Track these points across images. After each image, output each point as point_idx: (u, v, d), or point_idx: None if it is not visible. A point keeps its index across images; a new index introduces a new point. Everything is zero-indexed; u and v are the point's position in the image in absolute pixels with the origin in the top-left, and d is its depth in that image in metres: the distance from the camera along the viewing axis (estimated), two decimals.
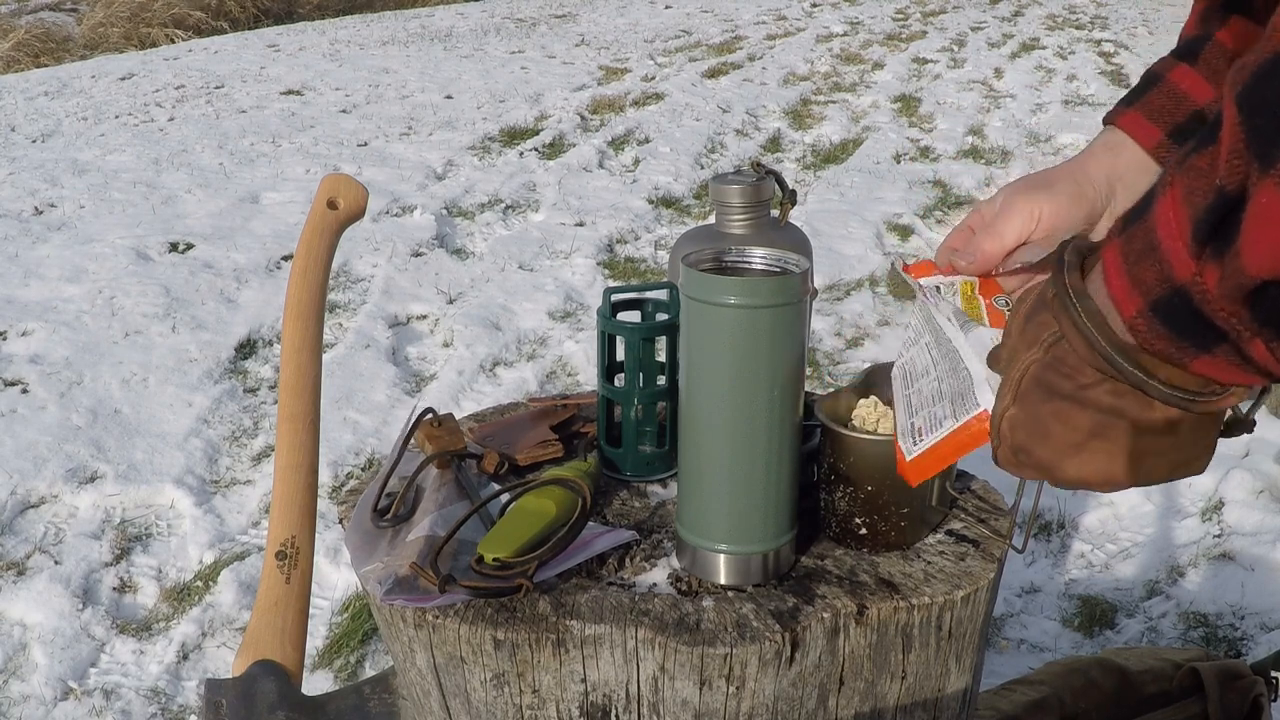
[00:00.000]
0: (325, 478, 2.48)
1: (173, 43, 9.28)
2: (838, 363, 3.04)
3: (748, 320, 0.74)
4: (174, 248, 3.87)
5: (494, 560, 0.79)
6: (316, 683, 1.87)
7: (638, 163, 4.98)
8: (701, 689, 0.76)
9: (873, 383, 0.91)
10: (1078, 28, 9.16)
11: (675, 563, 0.85)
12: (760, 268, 0.80)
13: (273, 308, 3.34)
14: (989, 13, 10.01)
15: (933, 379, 0.75)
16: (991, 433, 0.67)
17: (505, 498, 0.88)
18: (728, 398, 0.76)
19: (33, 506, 2.39)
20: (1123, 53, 7.86)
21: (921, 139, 5.41)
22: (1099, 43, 8.34)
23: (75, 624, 2.02)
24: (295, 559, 0.97)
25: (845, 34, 8.74)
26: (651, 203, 4.42)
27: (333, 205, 1.09)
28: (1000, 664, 1.87)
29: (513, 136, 5.49)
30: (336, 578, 2.14)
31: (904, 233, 4.08)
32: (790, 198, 1.03)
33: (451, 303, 3.46)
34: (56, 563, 2.19)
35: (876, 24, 9.27)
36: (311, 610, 1.04)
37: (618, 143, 5.35)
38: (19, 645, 1.98)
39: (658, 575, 0.84)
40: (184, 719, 1.84)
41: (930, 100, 6.27)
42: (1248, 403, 0.61)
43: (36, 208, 4.35)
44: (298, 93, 6.66)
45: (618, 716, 0.79)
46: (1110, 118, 0.87)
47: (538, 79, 6.94)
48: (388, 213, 4.25)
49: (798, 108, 6.12)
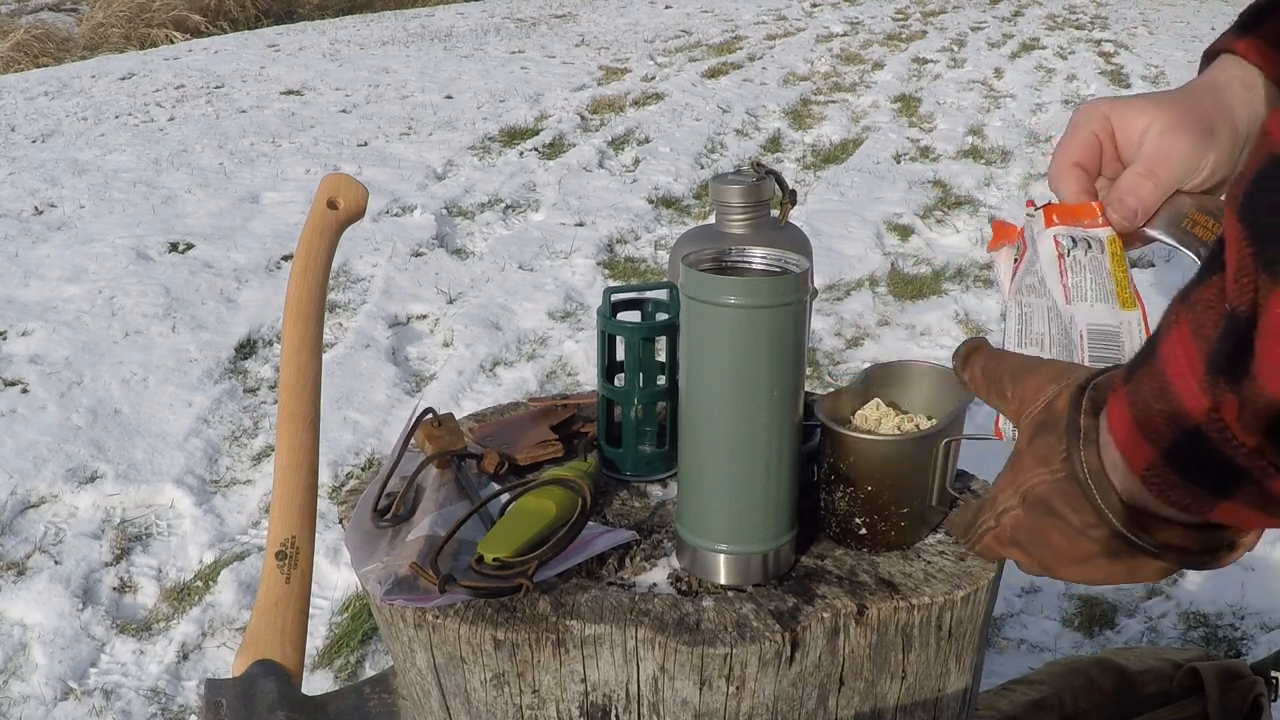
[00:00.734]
0: (325, 478, 2.48)
1: (172, 43, 9.28)
2: (838, 363, 3.04)
3: (748, 320, 0.74)
4: (174, 248, 3.88)
5: (494, 560, 0.79)
6: (316, 683, 1.87)
7: (638, 163, 4.98)
8: (701, 689, 0.76)
9: (873, 383, 0.91)
10: (1078, 28, 9.16)
11: (675, 563, 0.85)
12: (760, 268, 0.80)
13: (273, 308, 3.34)
14: (989, 13, 10.01)
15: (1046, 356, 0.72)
16: (989, 514, 0.67)
17: (505, 498, 0.88)
18: (728, 398, 0.76)
19: (33, 506, 2.39)
20: (1123, 53, 7.86)
21: (921, 139, 5.42)
22: (1099, 43, 8.34)
23: (75, 624, 2.02)
24: (295, 559, 0.97)
25: (845, 34, 8.74)
26: (651, 203, 4.42)
27: (333, 205, 1.09)
28: (1000, 664, 1.87)
29: (513, 136, 5.49)
30: (336, 578, 2.14)
31: (904, 233, 4.08)
32: (790, 197, 1.03)
33: (451, 303, 3.46)
34: (56, 563, 2.19)
35: (876, 24, 9.27)
36: (311, 610, 1.04)
37: (618, 143, 5.35)
38: (19, 645, 1.98)
39: (658, 575, 0.84)
40: (184, 719, 1.84)
41: (930, 100, 6.27)
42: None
43: (36, 208, 4.35)
44: (298, 93, 6.66)
45: (618, 716, 0.79)
46: (1225, 44, 0.76)
47: (538, 79, 6.94)
48: (388, 213, 4.25)
49: (798, 108, 6.12)
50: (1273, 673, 1.36)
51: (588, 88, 6.64)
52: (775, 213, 1.04)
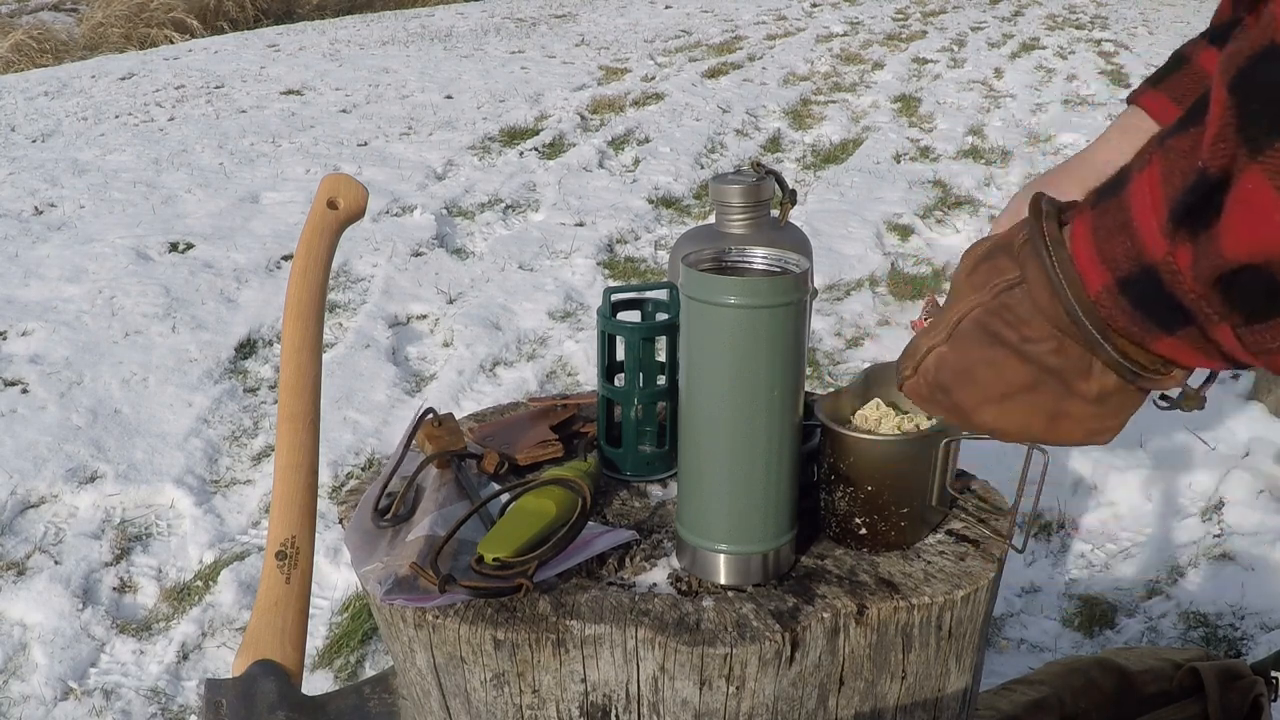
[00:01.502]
0: (325, 478, 2.48)
1: (172, 43, 9.28)
2: (838, 363, 3.04)
3: (747, 320, 0.74)
4: (174, 248, 3.87)
5: (494, 560, 0.79)
6: (316, 683, 1.87)
7: (638, 163, 4.98)
8: (701, 689, 0.76)
9: (873, 383, 0.91)
10: (1078, 28, 9.16)
11: (675, 563, 0.85)
12: (760, 267, 0.80)
13: (273, 308, 3.34)
14: (989, 13, 10.01)
15: None
16: (909, 363, 0.66)
17: (505, 498, 0.88)
18: (728, 398, 0.76)
19: (33, 506, 2.39)
20: (1123, 53, 7.86)
21: (921, 139, 5.41)
22: (1099, 43, 8.34)
23: (75, 624, 2.02)
24: (295, 559, 0.97)
25: (845, 34, 8.74)
26: (651, 203, 4.42)
27: (333, 205, 1.09)
28: (1000, 664, 1.87)
29: (513, 136, 5.49)
30: (336, 578, 2.14)
31: (904, 233, 4.08)
32: (790, 197, 1.03)
33: (451, 303, 3.46)
34: (56, 563, 2.19)
35: (876, 24, 9.27)
36: (311, 610, 1.04)
37: (618, 143, 5.35)
38: (19, 645, 1.98)
39: (658, 575, 0.84)
40: (184, 719, 1.84)
41: (930, 100, 6.27)
42: (1200, 378, 0.61)
43: (36, 208, 4.35)
44: (298, 93, 6.66)
45: (618, 716, 0.79)
46: (1133, 97, 0.84)
47: (538, 79, 6.94)
48: (388, 213, 4.25)
49: (798, 108, 6.12)
50: (1273, 673, 1.36)
51: (588, 88, 6.64)
52: (775, 213, 1.04)
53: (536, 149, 5.22)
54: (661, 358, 0.97)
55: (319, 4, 11.33)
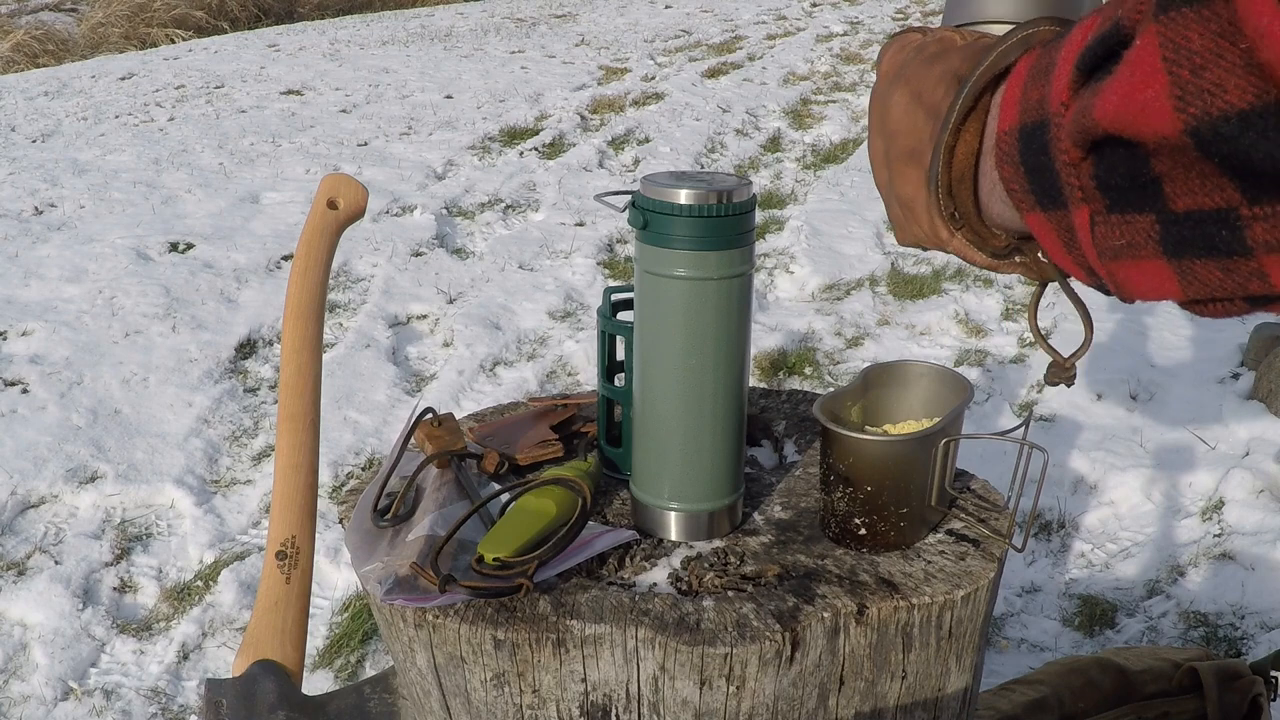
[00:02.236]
0: (325, 478, 2.48)
1: (173, 43, 9.28)
2: (838, 363, 3.04)
3: (696, 292, 0.79)
4: (174, 248, 3.88)
5: (494, 560, 0.79)
6: (316, 683, 1.87)
7: (638, 162, 4.98)
8: (702, 689, 0.76)
9: (872, 383, 0.91)
10: None
11: (675, 563, 0.85)
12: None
13: (273, 308, 3.34)
14: None
15: None
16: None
17: (505, 498, 0.88)
18: (678, 364, 0.81)
19: (33, 506, 2.39)
20: None
21: None
22: None
23: (75, 624, 2.02)
24: (295, 559, 0.97)
25: (845, 34, 8.74)
26: None
27: (333, 205, 1.09)
28: (1000, 664, 1.87)
29: (513, 136, 5.49)
30: (336, 578, 2.14)
31: None
32: None
33: (451, 302, 3.46)
34: (56, 563, 2.19)
35: (876, 24, 9.27)
36: (311, 610, 1.04)
37: (618, 142, 5.35)
38: (19, 645, 1.98)
39: (658, 575, 0.84)
40: (184, 719, 1.84)
41: None
42: (1073, 349, 0.60)
43: (36, 208, 4.35)
44: (298, 93, 6.66)
45: (618, 716, 0.79)
46: None
47: (538, 79, 6.94)
48: (388, 213, 4.25)
49: (798, 107, 6.12)
50: (1272, 672, 1.36)
51: (588, 87, 6.64)
52: None
53: (536, 149, 5.22)
54: None
55: (319, 4, 11.33)
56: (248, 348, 3.15)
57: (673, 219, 0.77)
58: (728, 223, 0.77)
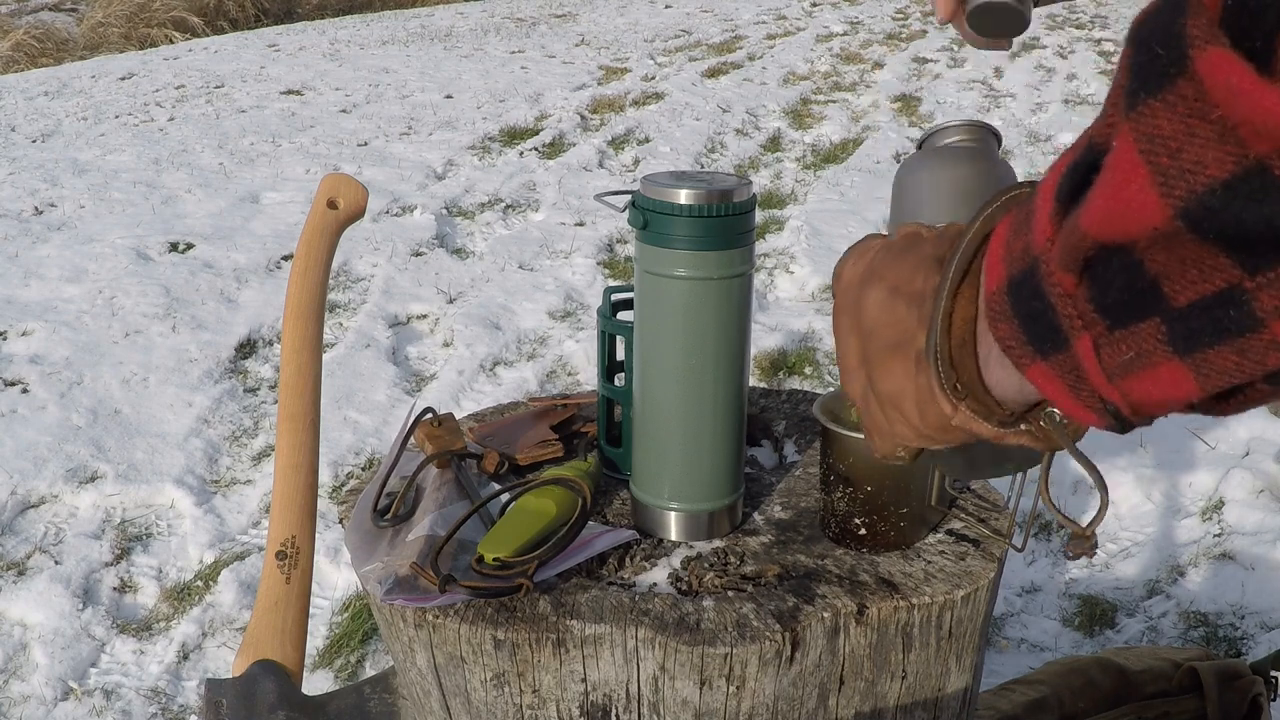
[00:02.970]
0: (325, 478, 2.48)
1: (172, 43, 9.28)
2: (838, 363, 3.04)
3: (696, 291, 0.79)
4: (174, 248, 3.88)
5: (494, 560, 0.79)
6: (316, 683, 1.87)
7: (638, 162, 4.98)
8: (702, 688, 0.76)
9: None
10: (1078, 27, 9.16)
11: (675, 563, 0.85)
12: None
13: (273, 308, 3.34)
14: None
15: None
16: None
17: (505, 498, 0.88)
18: (679, 365, 0.81)
19: (33, 506, 2.39)
20: None
21: None
22: (1099, 42, 8.34)
23: (75, 624, 2.02)
24: (295, 559, 0.97)
25: (845, 34, 8.74)
26: None
27: (333, 205, 1.09)
28: (1000, 664, 1.87)
29: (513, 136, 5.49)
30: (336, 578, 2.14)
31: None
32: None
33: (451, 302, 3.46)
34: (56, 563, 2.19)
35: (876, 24, 9.26)
36: (311, 610, 1.04)
37: (618, 142, 5.35)
38: (19, 645, 1.98)
39: (658, 575, 0.84)
40: (184, 719, 1.84)
41: (930, 100, 6.27)
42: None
43: (36, 208, 4.35)
44: (298, 93, 6.66)
45: (618, 716, 0.79)
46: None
47: (538, 79, 6.94)
48: (388, 213, 4.25)
49: (798, 107, 6.12)
50: (1272, 672, 1.36)
51: (588, 87, 6.64)
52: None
53: (536, 149, 5.22)
54: None
55: (319, 4, 11.33)
56: (248, 348, 3.15)
57: (673, 219, 0.77)
58: (728, 223, 0.77)
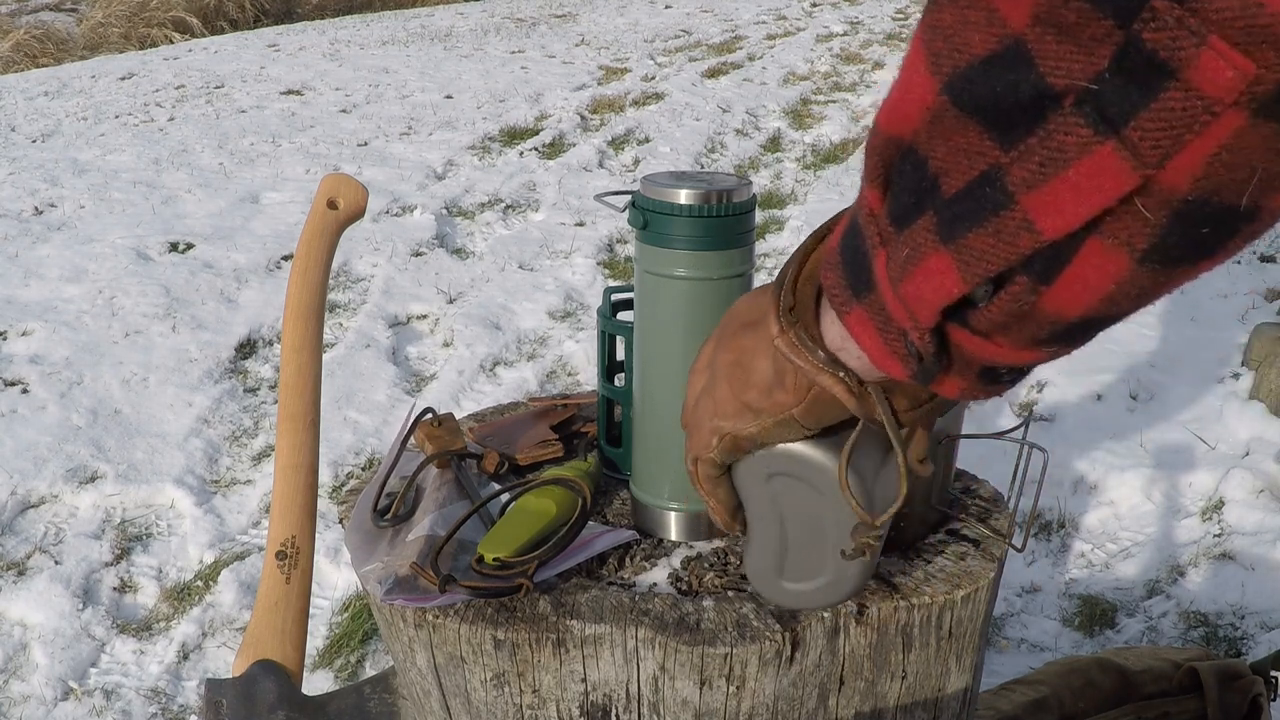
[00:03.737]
0: (325, 478, 2.48)
1: (172, 43, 9.29)
2: None
3: (696, 292, 0.79)
4: (174, 248, 3.88)
5: (494, 560, 0.79)
6: (316, 683, 1.87)
7: (638, 162, 4.98)
8: (702, 688, 0.76)
9: None
10: None
11: (675, 563, 0.85)
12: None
13: (273, 308, 3.34)
14: None
15: None
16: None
17: (505, 498, 0.88)
18: (678, 365, 0.81)
19: (33, 506, 2.39)
20: None
21: None
22: None
23: (75, 624, 2.02)
24: (295, 559, 0.97)
25: (845, 34, 8.74)
26: None
27: (333, 205, 1.09)
28: (1000, 664, 1.87)
29: (513, 136, 5.49)
30: (336, 578, 2.14)
31: None
32: None
33: (451, 302, 3.46)
34: (56, 563, 2.19)
35: (876, 24, 9.26)
36: (311, 610, 1.04)
37: (618, 142, 5.35)
38: (19, 645, 1.98)
39: (658, 575, 0.84)
40: (184, 719, 1.84)
41: None
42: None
43: (36, 208, 4.35)
44: (298, 93, 6.66)
45: (618, 716, 0.79)
46: None
47: (538, 79, 6.94)
48: (388, 213, 4.25)
49: (798, 107, 6.12)
50: (1272, 672, 1.36)
51: (588, 87, 6.64)
52: None
53: (536, 149, 5.22)
54: None
55: (319, 4, 11.33)
56: (248, 348, 3.15)
57: (673, 219, 0.77)
58: (728, 223, 0.77)
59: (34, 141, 5.48)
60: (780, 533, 0.70)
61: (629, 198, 0.80)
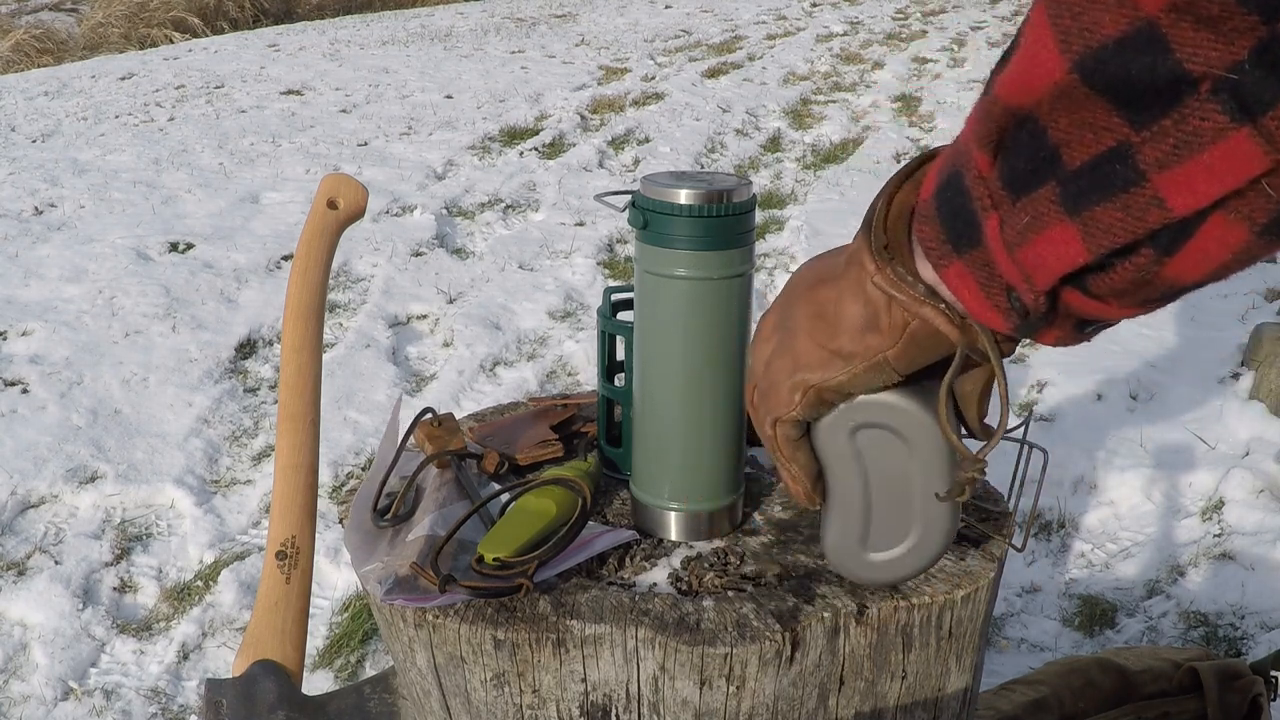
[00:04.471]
0: (325, 478, 2.48)
1: (172, 43, 9.28)
2: None
3: (695, 291, 0.79)
4: (174, 248, 3.87)
5: (494, 560, 0.79)
6: (316, 683, 1.87)
7: (638, 162, 4.98)
8: (702, 688, 0.76)
9: None
10: None
11: (675, 563, 0.85)
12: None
13: (273, 308, 3.34)
14: (989, 12, 10.01)
15: None
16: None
17: (505, 498, 0.88)
18: (678, 365, 0.81)
19: (33, 506, 2.39)
20: None
21: (922, 138, 5.42)
22: None
23: (75, 624, 2.02)
24: (295, 559, 0.97)
25: (845, 34, 8.74)
26: None
27: (333, 205, 1.09)
28: (1000, 664, 1.87)
29: (513, 136, 5.49)
30: (336, 578, 2.14)
31: None
32: None
33: (451, 302, 3.46)
34: (56, 563, 2.19)
35: (876, 24, 9.26)
36: (311, 610, 1.04)
37: (618, 142, 5.35)
38: (19, 645, 1.98)
39: (658, 575, 0.84)
40: (184, 719, 1.84)
41: (930, 100, 6.27)
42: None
43: (36, 208, 4.35)
44: (298, 93, 6.66)
45: (618, 716, 0.79)
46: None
47: (538, 79, 6.94)
48: (388, 213, 4.25)
49: (798, 107, 6.12)
50: (1272, 672, 1.36)
51: (588, 87, 6.64)
52: None
53: (536, 149, 5.22)
54: None
55: (319, 4, 11.33)
56: (248, 348, 3.15)
57: (673, 219, 0.77)
58: (728, 223, 0.77)
59: (34, 141, 5.48)
60: (864, 495, 0.69)
61: (629, 198, 0.80)
